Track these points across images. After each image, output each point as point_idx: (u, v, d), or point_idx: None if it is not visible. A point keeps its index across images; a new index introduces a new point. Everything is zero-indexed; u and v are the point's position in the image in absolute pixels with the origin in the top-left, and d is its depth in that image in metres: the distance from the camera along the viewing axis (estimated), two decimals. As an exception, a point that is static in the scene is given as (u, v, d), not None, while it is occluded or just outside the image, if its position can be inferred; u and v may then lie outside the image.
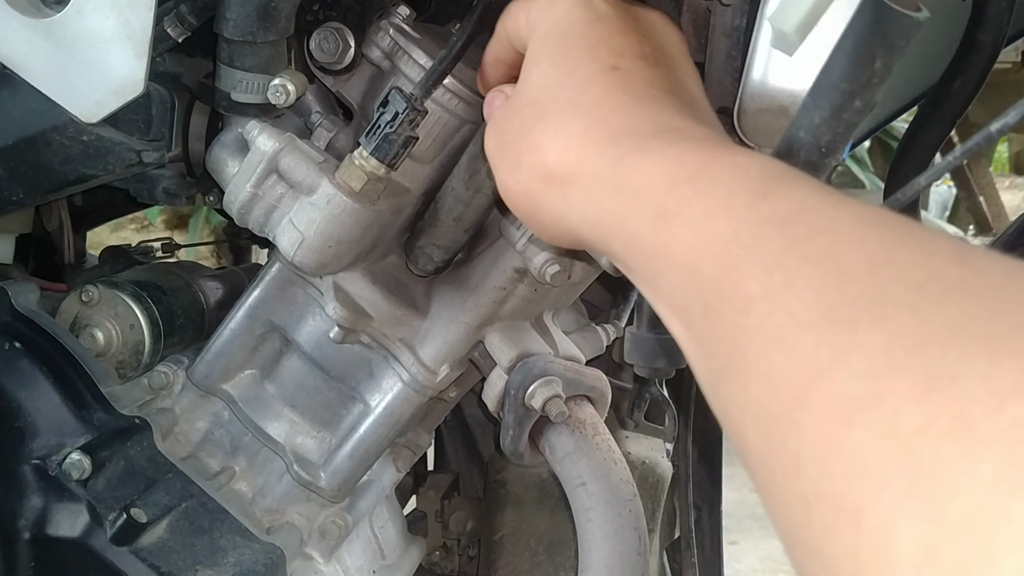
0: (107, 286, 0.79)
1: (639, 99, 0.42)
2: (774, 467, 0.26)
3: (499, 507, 0.97)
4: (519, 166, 0.44)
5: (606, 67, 0.43)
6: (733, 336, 0.29)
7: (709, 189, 0.34)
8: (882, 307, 0.25)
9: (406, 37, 0.72)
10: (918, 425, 0.22)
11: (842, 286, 0.26)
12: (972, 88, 0.74)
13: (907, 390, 0.22)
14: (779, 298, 0.28)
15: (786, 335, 0.27)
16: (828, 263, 0.27)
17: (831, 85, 0.41)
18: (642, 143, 0.38)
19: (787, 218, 0.30)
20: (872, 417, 0.23)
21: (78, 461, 0.70)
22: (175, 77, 0.73)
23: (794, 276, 0.28)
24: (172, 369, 0.81)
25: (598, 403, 0.80)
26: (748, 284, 0.29)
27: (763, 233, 0.30)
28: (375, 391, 0.79)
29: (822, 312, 0.26)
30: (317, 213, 0.68)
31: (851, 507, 0.23)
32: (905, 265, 0.25)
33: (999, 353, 0.21)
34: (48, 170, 0.71)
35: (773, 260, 0.29)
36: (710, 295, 0.31)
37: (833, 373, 0.24)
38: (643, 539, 0.73)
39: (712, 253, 0.31)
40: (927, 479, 0.21)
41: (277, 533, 0.78)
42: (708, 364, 0.31)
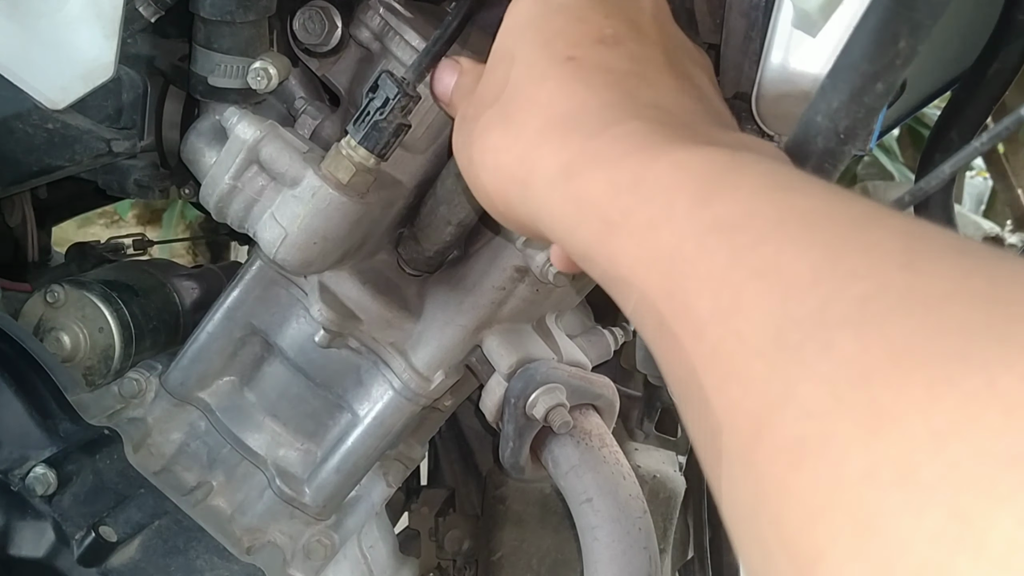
0: (74, 286, 0.79)
1: (593, 87, 0.43)
2: (737, 504, 0.27)
3: (498, 525, 0.98)
4: (484, 167, 0.46)
5: (562, 59, 0.45)
6: (690, 363, 0.30)
7: (650, 197, 0.35)
8: (827, 329, 0.25)
9: (397, 17, 0.72)
10: (863, 472, 0.22)
11: (788, 305, 0.27)
12: (1010, 72, 0.74)
13: (851, 431, 0.23)
14: (729, 321, 0.29)
15: (739, 364, 0.28)
16: (773, 277, 0.28)
17: (851, 66, 0.41)
18: (589, 143, 0.40)
19: (730, 224, 0.31)
20: (820, 462, 0.24)
21: (43, 475, 0.71)
22: (148, 60, 0.73)
23: (741, 294, 0.29)
24: (144, 376, 0.81)
25: (605, 412, 0.80)
26: (697, 304, 0.30)
27: (707, 243, 0.31)
28: (364, 400, 0.79)
29: (771, 337, 0.27)
30: (301, 207, 0.68)
31: (804, 558, 0.23)
32: (849, 276, 0.26)
33: (937, 384, 0.22)
34: (10, 160, 0.71)
35: (720, 275, 0.30)
36: (663, 313, 0.32)
37: (784, 410, 0.25)
38: (654, 560, 0.73)
39: (658, 269, 0.33)
40: (875, 532, 0.22)
41: (258, 553, 0.78)
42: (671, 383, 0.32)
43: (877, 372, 0.23)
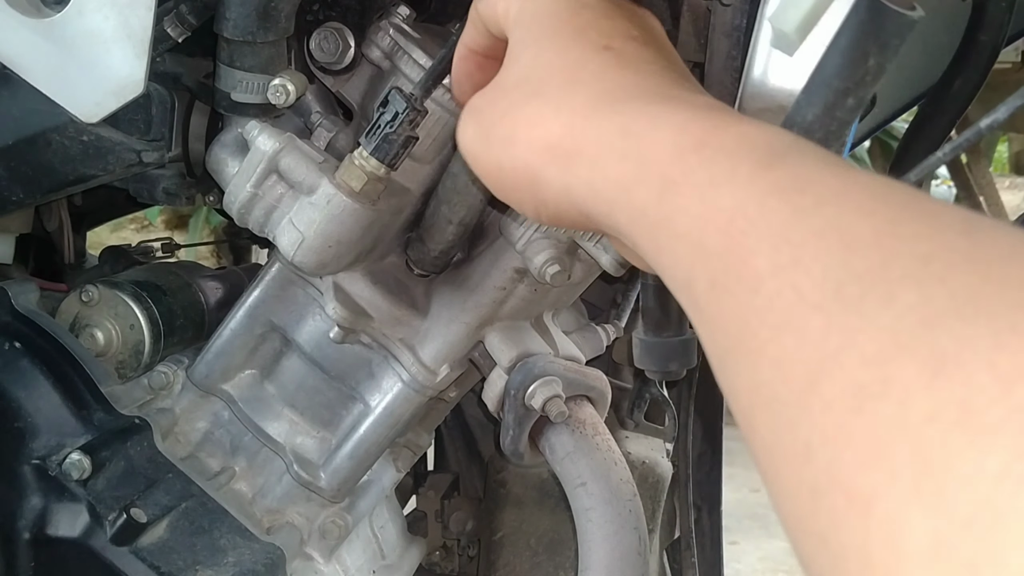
0: (107, 286, 0.79)
1: (638, 72, 0.41)
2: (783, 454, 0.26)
3: (499, 507, 0.97)
4: (513, 142, 0.42)
5: (598, 47, 0.43)
6: (742, 315, 0.28)
7: (714, 159, 0.33)
8: (888, 283, 0.24)
9: (406, 37, 0.72)
10: (926, 414, 0.21)
11: (848, 261, 0.26)
12: (972, 88, 0.74)
13: (914, 375, 0.22)
14: (787, 275, 0.27)
15: (796, 316, 0.26)
16: (834, 235, 0.27)
17: (824, 83, 0.41)
18: (646, 109, 0.38)
19: (792, 188, 0.29)
20: (881, 405, 0.22)
21: (78, 461, 0.70)
22: (175, 77, 0.73)
23: (801, 251, 0.27)
24: (172, 369, 0.81)
25: (598, 403, 0.80)
26: (755, 260, 0.28)
27: (768, 203, 0.29)
28: (375, 391, 0.79)
29: (830, 290, 0.25)
30: (317, 213, 0.68)
31: (861, 497, 0.22)
32: (911, 237, 0.25)
33: (1003, 331, 0.21)
34: (48, 170, 0.71)
35: (779, 233, 0.28)
36: (716, 270, 0.30)
37: (843, 357, 0.24)
38: (643, 539, 0.73)
39: (717, 225, 0.31)
40: (936, 471, 0.21)
41: (277, 533, 0.78)
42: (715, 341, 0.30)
43: (940, 320, 0.22)
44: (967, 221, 0.25)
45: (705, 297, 0.31)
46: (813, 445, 0.24)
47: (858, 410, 0.23)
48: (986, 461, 0.20)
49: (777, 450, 0.26)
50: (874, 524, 0.22)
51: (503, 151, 0.43)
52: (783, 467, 0.26)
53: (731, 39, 0.58)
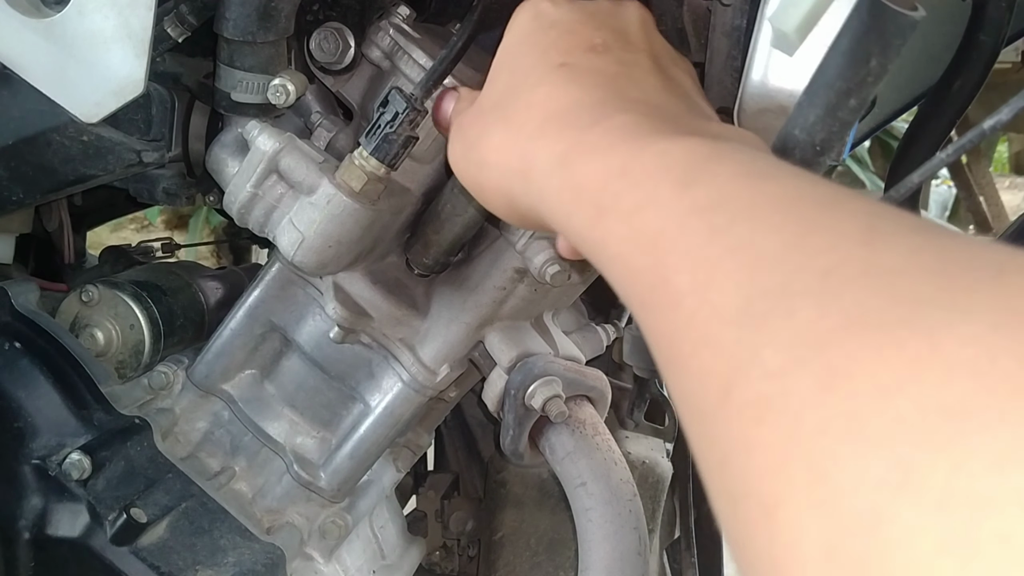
0: (107, 286, 0.79)
1: (584, 87, 0.44)
2: (709, 461, 0.27)
3: (499, 507, 0.97)
4: (486, 166, 0.47)
5: (555, 65, 0.46)
6: (669, 332, 0.30)
7: (637, 183, 0.35)
8: (791, 298, 0.26)
9: (406, 37, 0.72)
10: (817, 426, 0.23)
11: (756, 277, 0.27)
12: (972, 88, 0.74)
13: (808, 389, 0.23)
14: (704, 293, 0.29)
15: (711, 331, 0.28)
16: (745, 253, 0.28)
17: (826, 84, 0.41)
18: (584, 136, 0.40)
19: (708, 206, 0.31)
20: (779, 417, 0.24)
21: (78, 461, 0.70)
22: (175, 77, 0.73)
23: (716, 269, 0.29)
24: (172, 369, 0.81)
25: (598, 403, 0.80)
26: (676, 279, 0.30)
27: (687, 224, 0.31)
28: (375, 391, 0.79)
29: (741, 306, 0.27)
30: (317, 213, 0.68)
31: (766, 505, 0.24)
32: (813, 251, 0.27)
33: (886, 346, 0.22)
34: (48, 170, 0.71)
35: (698, 252, 0.30)
36: (644, 290, 0.32)
37: (749, 370, 0.26)
38: (643, 539, 0.73)
39: (642, 248, 0.33)
40: (826, 479, 0.22)
41: (277, 533, 0.78)
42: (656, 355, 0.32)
43: (833, 336, 0.24)
44: (869, 229, 0.26)
45: (640, 315, 0.33)
46: (728, 454, 0.26)
47: (761, 421, 0.24)
48: (868, 470, 0.21)
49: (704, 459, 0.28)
50: (777, 530, 0.23)
51: (479, 172, 0.47)
52: (709, 475, 0.27)
53: (731, 39, 0.58)
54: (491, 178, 0.46)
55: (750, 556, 0.25)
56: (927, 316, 0.22)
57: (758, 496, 0.24)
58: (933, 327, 0.22)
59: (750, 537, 0.24)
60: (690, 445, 0.29)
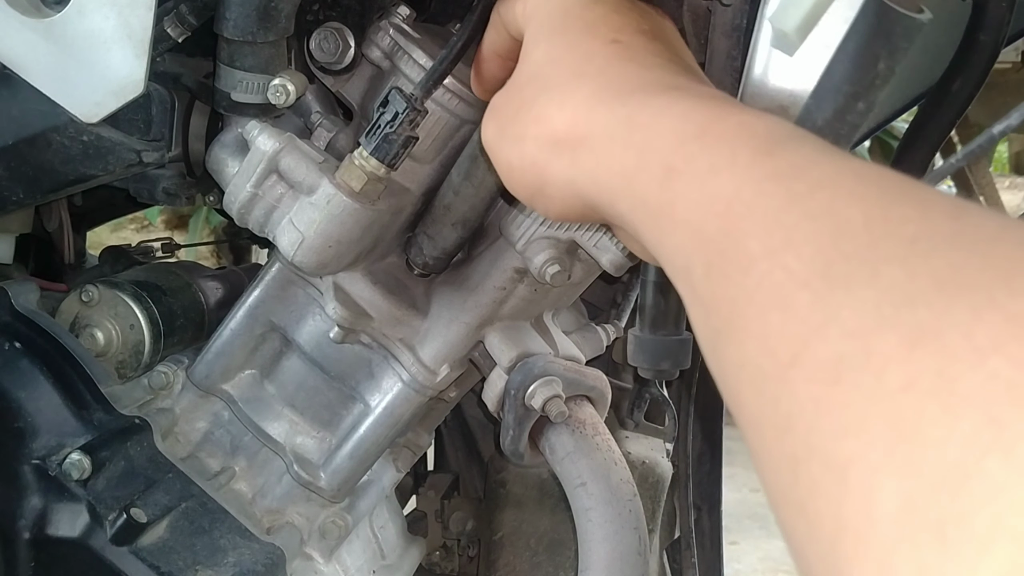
0: (107, 286, 0.79)
1: (644, 64, 0.42)
2: (766, 426, 0.26)
3: (499, 507, 0.97)
4: (523, 139, 0.44)
5: (606, 41, 0.44)
6: (733, 296, 0.29)
7: (714, 146, 0.34)
8: (875, 262, 0.25)
9: (406, 37, 0.72)
10: (902, 383, 0.22)
11: (838, 242, 0.26)
12: (972, 88, 0.74)
13: (893, 347, 0.23)
14: (778, 256, 0.28)
15: (783, 294, 0.27)
16: (826, 219, 0.27)
17: (834, 87, 0.41)
18: (650, 100, 0.38)
19: (788, 174, 0.30)
20: (860, 375, 0.23)
21: (78, 461, 0.70)
22: (175, 77, 0.73)
23: (793, 233, 0.28)
24: (172, 369, 0.81)
25: (598, 403, 0.80)
26: (749, 242, 0.29)
27: (764, 189, 0.30)
28: (375, 391, 0.79)
29: (819, 269, 0.26)
30: (317, 213, 0.68)
31: (837, 464, 0.23)
32: (899, 220, 0.26)
33: (981, 306, 0.22)
34: (48, 170, 0.71)
35: (773, 217, 0.29)
36: (713, 253, 0.31)
37: (826, 331, 0.25)
38: (643, 539, 0.73)
39: (715, 210, 0.31)
40: (910, 437, 0.21)
41: (277, 533, 0.78)
42: (708, 323, 0.31)
43: (922, 296, 0.23)
44: (956, 206, 0.26)
45: (701, 281, 0.32)
46: (793, 416, 0.25)
47: (837, 381, 0.24)
48: (957, 427, 0.20)
49: (761, 423, 0.27)
50: (848, 489, 0.22)
51: (513, 149, 0.44)
52: (766, 440, 0.26)
53: (731, 39, 0.58)
54: (527, 153, 0.44)
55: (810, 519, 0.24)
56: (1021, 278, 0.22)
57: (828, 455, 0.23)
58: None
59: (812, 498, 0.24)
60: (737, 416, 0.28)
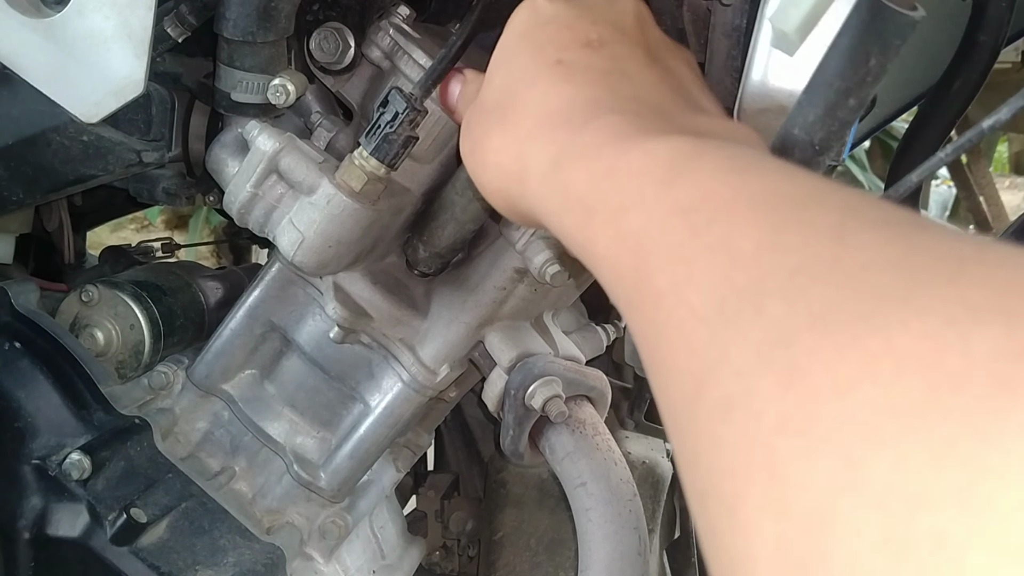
0: (107, 286, 0.79)
1: (578, 85, 0.44)
2: (681, 460, 0.28)
3: (499, 507, 0.97)
4: (486, 167, 0.47)
5: (551, 62, 0.46)
6: (650, 331, 0.31)
7: (623, 183, 0.35)
8: (761, 297, 0.26)
9: (406, 37, 0.72)
10: (776, 424, 0.23)
11: (731, 276, 0.27)
12: (972, 88, 0.74)
13: (770, 388, 0.24)
14: (681, 291, 0.29)
15: (686, 330, 0.28)
16: (721, 252, 0.28)
17: (825, 83, 0.41)
18: (575, 137, 0.41)
19: (689, 207, 0.31)
20: (743, 416, 0.24)
21: (78, 461, 0.70)
22: (175, 77, 0.73)
23: (693, 268, 0.29)
24: (172, 369, 0.81)
25: (598, 403, 0.80)
26: (657, 278, 0.31)
27: (668, 224, 0.32)
28: (375, 391, 0.79)
29: (715, 305, 0.27)
30: (317, 213, 0.68)
31: (728, 503, 0.24)
32: (785, 249, 0.27)
33: (845, 344, 0.23)
34: (48, 170, 0.71)
35: (677, 252, 0.30)
36: (630, 289, 0.33)
37: (719, 370, 0.26)
38: (643, 539, 0.73)
39: (627, 248, 0.33)
40: (781, 478, 0.22)
41: (277, 533, 0.78)
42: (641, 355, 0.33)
43: (797, 335, 0.24)
44: (840, 225, 0.26)
45: (626, 315, 0.34)
46: (697, 452, 0.26)
47: (727, 420, 0.25)
48: (818, 468, 0.21)
49: (678, 456, 0.28)
50: (736, 527, 0.23)
51: (481, 175, 0.48)
52: (683, 472, 0.28)
53: (731, 39, 0.58)
54: (492, 180, 0.47)
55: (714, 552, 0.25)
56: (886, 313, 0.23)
57: (721, 494, 0.24)
58: (889, 323, 0.22)
59: (714, 533, 0.25)
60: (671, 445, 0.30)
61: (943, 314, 0.22)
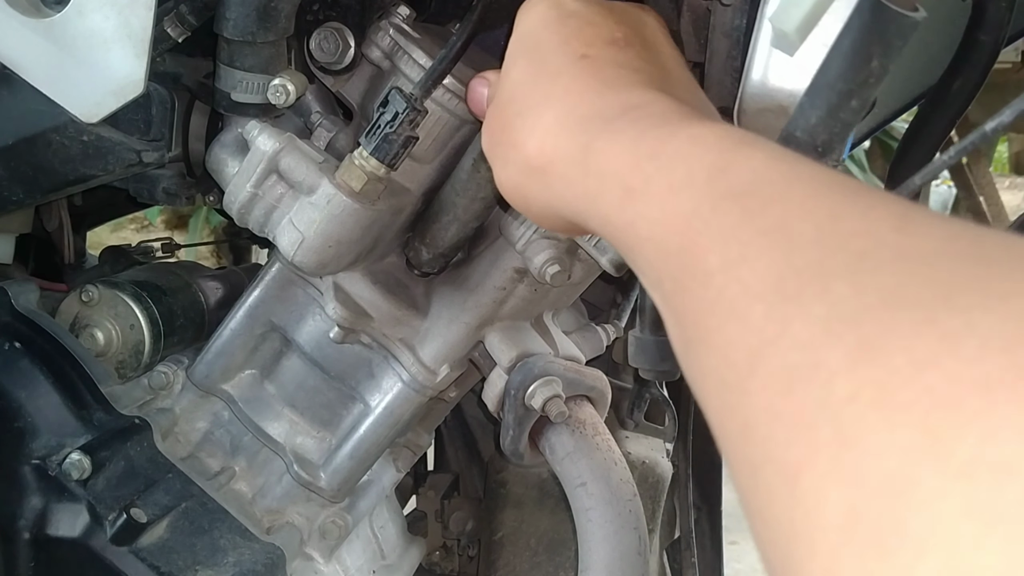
0: (107, 286, 0.79)
1: (607, 81, 0.44)
2: (729, 434, 0.28)
3: (499, 507, 0.97)
4: (507, 162, 0.46)
5: (576, 57, 0.45)
6: (696, 308, 0.31)
7: (670, 165, 0.35)
8: (825, 277, 0.26)
9: (406, 37, 0.72)
10: (847, 395, 0.23)
11: (790, 257, 0.28)
12: (972, 88, 0.74)
13: (840, 360, 0.24)
14: (734, 271, 0.29)
15: (739, 307, 0.28)
16: (778, 234, 0.29)
17: (827, 85, 0.41)
18: (608, 125, 0.40)
19: (742, 191, 0.31)
20: (809, 387, 0.24)
21: (78, 461, 0.70)
22: (175, 77, 0.73)
23: (748, 248, 0.29)
24: (172, 369, 0.81)
25: (598, 403, 0.80)
26: (708, 257, 0.31)
27: (721, 206, 0.32)
28: (375, 391, 0.79)
29: (772, 283, 0.27)
30: (317, 213, 0.68)
31: (789, 472, 0.24)
32: (848, 234, 0.27)
33: (921, 322, 0.23)
34: (48, 170, 0.71)
35: (730, 233, 0.30)
36: (676, 269, 0.33)
37: (779, 343, 0.26)
38: (643, 539, 0.73)
39: (675, 228, 0.33)
40: (853, 446, 0.22)
41: (277, 533, 0.78)
42: (679, 335, 0.33)
43: (867, 312, 0.24)
44: (902, 217, 0.27)
45: (669, 294, 0.33)
46: (751, 424, 0.26)
47: (789, 391, 0.25)
48: (895, 437, 0.21)
49: (725, 431, 0.28)
50: (798, 497, 0.23)
51: (501, 171, 0.47)
52: (730, 447, 0.28)
53: (731, 39, 0.58)
54: (511, 175, 0.46)
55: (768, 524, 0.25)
56: (963, 296, 0.23)
57: (781, 463, 0.24)
58: (968, 307, 0.22)
59: (769, 504, 0.25)
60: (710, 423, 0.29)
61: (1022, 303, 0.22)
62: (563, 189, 0.42)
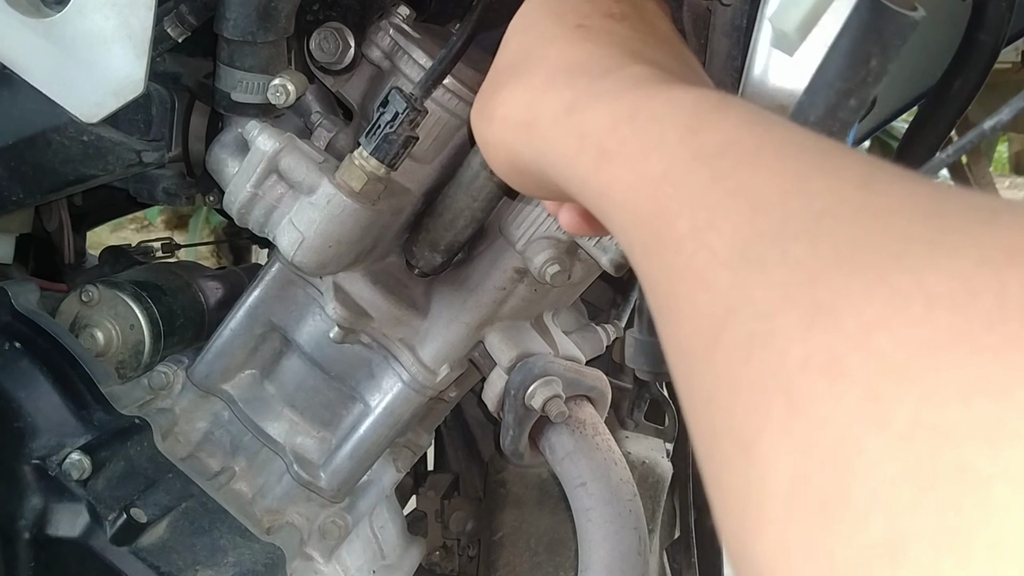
0: (107, 286, 0.79)
1: (599, 44, 0.44)
2: (694, 404, 0.27)
3: (499, 507, 0.97)
4: (493, 119, 0.46)
5: (572, 26, 0.46)
6: (667, 275, 0.30)
7: (645, 127, 0.35)
8: (785, 240, 0.26)
9: (406, 37, 0.72)
10: (799, 361, 0.23)
11: (755, 220, 0.27)
12: (972, 88, 0.74)
13: (794, 326, 0.24)
14: (703, 236, 0.29)
15: (707, 274, 0.28)
16: (744, 197, 0.28)
17: (826, 84, 0.41)
18: (592, 85, 0.40)
19: (713, 152, 0.31)
20: (765, 354, 0.24)
21: (78, 461, 0.70)
22: (175, 77, 0.73)
23: (715, 212, 0.29)
24: (172, 369, 0.81)
25: (598, 403, 0.80)
26: (677, 223, 0.30)
27: (691, 168, 0.31)
28: (375, 391, 0.79)
29: (737, 249, 0.27)
30: (317, 213, 0.68)
31: (744, 441, 0.24)
32: (811, 194, 0.27)
33: (873, 283, 0.22)
34: (48, 170, 0.71)
35: (698, 197, 0.30)
36: (647, 234, 0.32)
37: (741, 311, 0.26)
38: (643, 539, 0.73)
39: (647, 192, 0.33)
40: (802, 413, 0.22)
41: (277, 533, 0.78)
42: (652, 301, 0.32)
43: (822, 275, 0.24)
44: (868, 174, 0.26)
45: (641, 260, 0.33)
46: (714, 393, 0.26)
47: (748, 359, 0.25)
48: (841, 403, 0.21)
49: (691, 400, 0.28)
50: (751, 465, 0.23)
51: (487, 129, 0.47)
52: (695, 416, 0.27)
53: (731, 39, 0.58)
54: (496, 133, 0.46)
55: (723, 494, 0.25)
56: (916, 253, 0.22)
57: (737, 432, 0.24)
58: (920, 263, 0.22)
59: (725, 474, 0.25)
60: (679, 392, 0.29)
61: (976, 255, 0.21)
62: (545, 147, 0.42)
